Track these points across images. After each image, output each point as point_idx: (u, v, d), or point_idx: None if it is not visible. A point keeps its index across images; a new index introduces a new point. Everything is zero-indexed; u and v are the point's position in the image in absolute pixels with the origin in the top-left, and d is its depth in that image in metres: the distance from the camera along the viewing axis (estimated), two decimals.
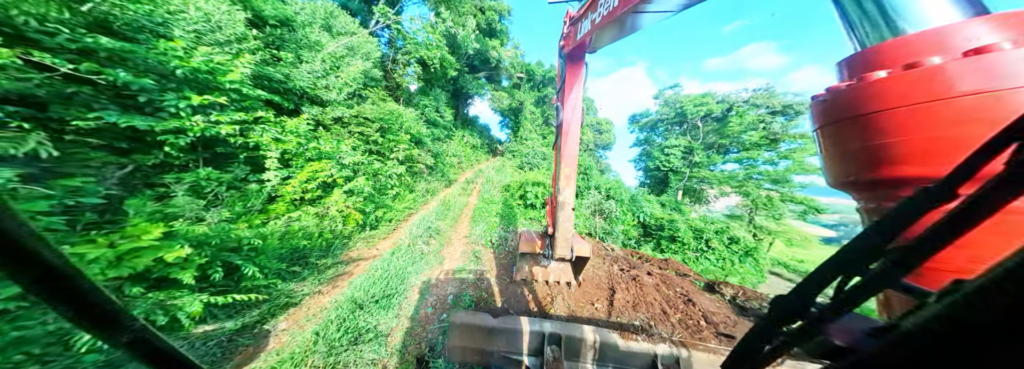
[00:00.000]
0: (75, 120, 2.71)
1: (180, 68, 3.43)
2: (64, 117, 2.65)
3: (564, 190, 3.02)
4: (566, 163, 2.95)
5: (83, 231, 2.37)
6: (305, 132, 5.09)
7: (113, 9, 3.06)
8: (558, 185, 3.07)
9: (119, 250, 2.12)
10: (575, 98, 2.73)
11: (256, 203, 3.96)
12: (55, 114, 2.74)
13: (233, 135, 4.11)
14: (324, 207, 5.25)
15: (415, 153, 11.12)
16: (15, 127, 2.20)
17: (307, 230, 4.59)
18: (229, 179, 4.08)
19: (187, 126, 3.53)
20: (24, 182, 2.03)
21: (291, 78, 6.31)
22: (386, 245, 6.25)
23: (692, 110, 25.06)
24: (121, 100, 3.15)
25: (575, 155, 2.94)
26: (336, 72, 7.67)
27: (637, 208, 12.20)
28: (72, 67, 2.62)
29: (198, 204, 3.08)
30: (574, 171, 2.97)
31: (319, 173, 5.04)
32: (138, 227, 2.37)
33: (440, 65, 14.91)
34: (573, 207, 3.05)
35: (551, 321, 1.28)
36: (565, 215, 3.07)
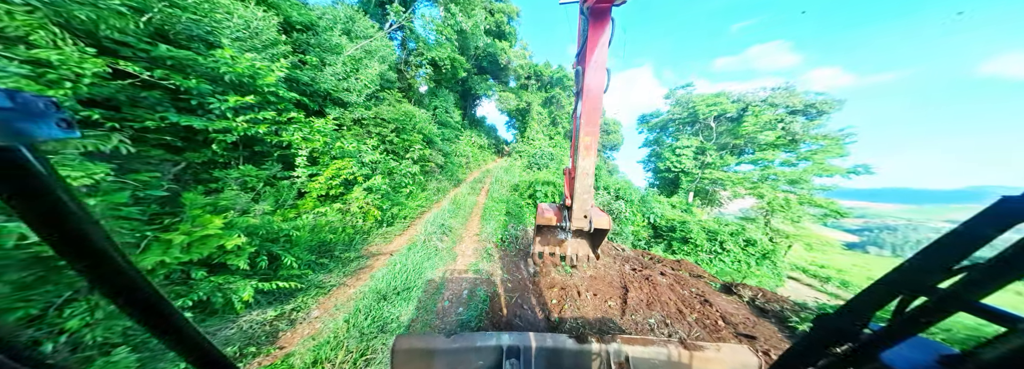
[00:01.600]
0: (145, 121, 3.02)
1: (228, 74, 3.74)
2: (135, 118, 2.96)
3: (583, 159, 2.72)
4: (587, 131, 2.64)
5: (154, 220, 2.67)
6: (330, 132, 5.39)
7: (170, 18, 3.36)
8: (577, 154, 2.78)
9: (192, 237, 2.40)
10: (599, 60, 2.34)
11: (288, 198, 4.25)
12: (128, 115, 3.05)
13: (268, 134, 4.42)
14: (346, 203, 5.54)
15: (427, 153, 11.43)
16: (108, 127, 2.50)
17: (332, 225, 4.87)
18: (264, 176, 4.38)
19: (233, 126, 3.84)
20: (115, 176, 2.33)
21: (316, 81, 6.64)
22: (402, 241, 6.52)
23: (705, 110, 24.53)
24: (177, 103, 3.46)
25: (598, 123, 2.63)
26: (355, 75, 8.00)
27: (647, 209, 12.27)
28: (149, 74, 2.93)
29: (245, 198, 3.38)
30: (595, 140, 2.68)
31: (342, 171, 5.33)
32: (203, 218, 2.65)
33: (450, 65, 15.23)
34: (593, 177, 2.82)
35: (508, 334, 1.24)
36: (583, 185, 2.82)
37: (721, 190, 24.04)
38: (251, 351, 2.63)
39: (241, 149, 4.45)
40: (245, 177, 4.05)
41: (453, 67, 15.60)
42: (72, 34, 2.37)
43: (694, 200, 24.91)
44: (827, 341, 0.50)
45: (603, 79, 2.41)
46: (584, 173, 2.80)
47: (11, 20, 2.03)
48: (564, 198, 3.50)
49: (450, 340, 1.14)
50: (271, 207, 4.02)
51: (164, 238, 2.31)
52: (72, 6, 2.28)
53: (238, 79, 3.90)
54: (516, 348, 1.09)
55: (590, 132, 2.65)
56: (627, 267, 5.99)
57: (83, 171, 2.08)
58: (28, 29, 2.11)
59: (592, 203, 3.08)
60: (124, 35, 2.79)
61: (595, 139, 2.70)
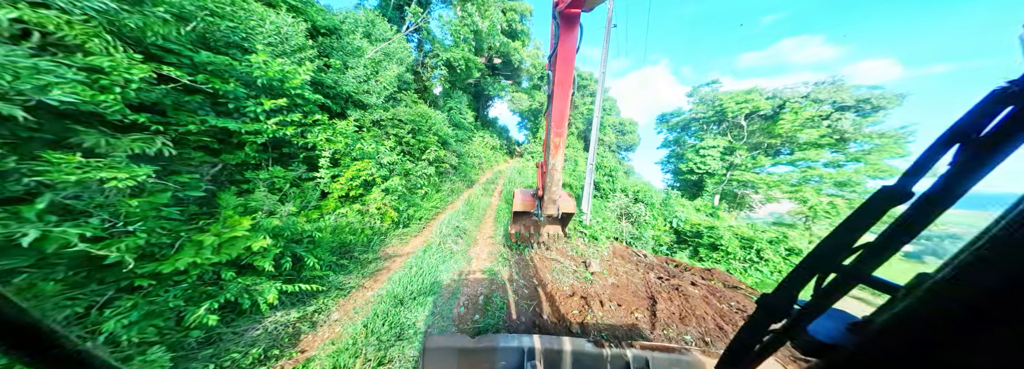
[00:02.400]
0: (188, 124, 3.14)
1: (261, 77, 3.85)
2: (179, 121, 3.09)
3: (553, 157, 3.07)
4: (556, 133, 2.92)
5: (191, 220, 2.76)
6: (352, 134, 5.49)
7: (211, 26, 3.50)
8: (548, 152, 3.13)
9: (222, 238, 2.46)
10: (567, 64, 2.56)
11: (312, 199, 4.34)
12: (172, 119, 3.20)
13: (295, 136, 4.53)
14: (365, 205, 5.62)
15: (442, 154, 11.54)
16: (153, 130, 2.61)
17: (352, 226, 4.94)
18: (291, 177, 4.50)
19: (264, 128, 3.95)
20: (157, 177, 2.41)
21: (339, 84, 6.80)
22: (418, 242, 6.56)
23: (734, 108, 22.99)
24: (215, 107, 3.60)
25: (565, 124, 2.94)
26: (375, 77, 8.16)
27: (670, 213, 11.85)
28: (191, 79, 3.05)
29: (272, 199, 3.47)
30: (564, 140, 3.00)
31: (362, 172, 5.41)
32: (233, 219, 2.72)
33: (465, 66, 15.34)
34: (560, 172, 3.25)
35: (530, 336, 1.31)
36: (553, 180, 3.30)
37: (751, 193, 22.80)
38: (274, 354, 2.67)
39: (270, 151, 4.59)
40: (274, 178, 4.16)
41: (467, 67, 15.71)
42: (123, 41, 2.49)
43: (720, 203, 23.74)
44: (768, 319, 0.55)
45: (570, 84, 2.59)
46: (553, 169, 3.18)
47: (70, 29, 2.15)
48: (536, 188, 4.13)
49: (475, 340, 1.20)
50: (296, 208, 4.11)
51: (196, 239, 2.37)
52: (122, 14, 2.40)
53: (269, 82, 4.02)
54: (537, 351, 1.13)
55: (559, 133, 2.90)
56: (652, 275, 5.75)
57: (128, 173, 2.16)
58: (85, 38, 2.22)
59: (560, 193, 3.58)
60: (168, 42, 2.91)
61: (563, 139, 2.99)
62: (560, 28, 2.36)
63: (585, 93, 35.84)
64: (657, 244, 10.73)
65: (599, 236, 7.92)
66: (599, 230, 8.20)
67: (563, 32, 2.36)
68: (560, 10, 2.26)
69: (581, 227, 8.16)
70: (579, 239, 7.80)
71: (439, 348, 1.18)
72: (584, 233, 7.95)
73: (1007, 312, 0.24)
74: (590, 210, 8.36)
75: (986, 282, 0.26)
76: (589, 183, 8.31)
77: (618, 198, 11.37)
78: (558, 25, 2.36)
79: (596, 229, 8.16)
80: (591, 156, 8.26)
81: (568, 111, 2.86)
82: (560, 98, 2.67)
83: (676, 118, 29.35)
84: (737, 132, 24.17)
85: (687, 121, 27.98)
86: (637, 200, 11.42)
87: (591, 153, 8.28)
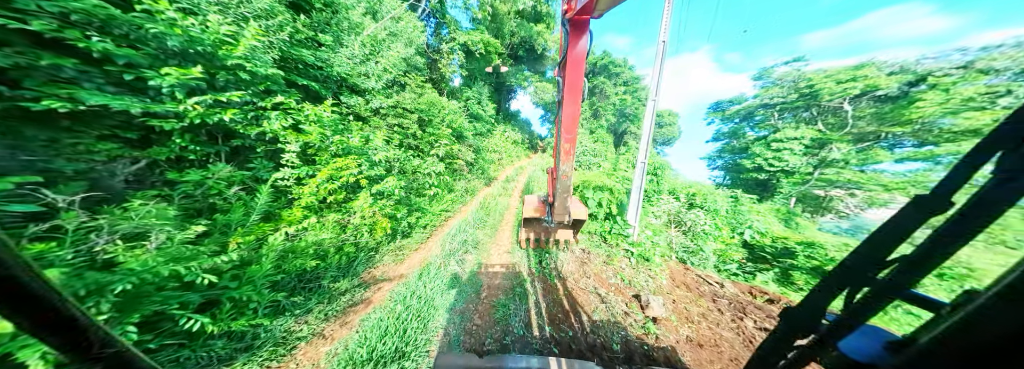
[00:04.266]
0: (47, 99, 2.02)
1: (170, 38, 2.64)
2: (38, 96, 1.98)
3: (563, 163, 3.14)
4: (566, 139, 2.94)
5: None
6: (331, 122, 4.25)
7: None
8: (558, 158, 3.20)
9: None
10: (577, 70, 2.51)
11: (258, 210, 3.14)
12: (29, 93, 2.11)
13: (242, 124, 3.34)
14: (347, 214, 4.38)
15: (456, 149, 10.22)
16: None
17: (322, 245, 3.71)
18: (240, 178, 3.34)
19: (185, 111, 2.78)
20: None
21: (329, 63, 5.64)
22: (417, 259, 5.28)
23: (832, 89, 17.78)
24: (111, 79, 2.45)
25: (576, 129, 2.94)
26: (375, 57, 6.91)
27: (740, 221, 9.41)
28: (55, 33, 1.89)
29: (166, 215, 2.26)
30: (574, 146, 3.05)
31: (343, 171, 4.16)
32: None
33: (485, 50, 13.81)
34: (571, 177, 3.28)
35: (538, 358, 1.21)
36: (563, 185, 3.30)
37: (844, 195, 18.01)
38: None
39: (221, 143, 3.48)
40: (209, 181, 3.01)
41: (487, 52, 14.15)
42: None
43: (796, 207, 19.40)
44: (793, 334, 0.53)
45: (581, 91, 2.59)
46: (564, 175, 3.22)
47: None
48: (547, 195, 4.02)
49: (484, 360, 1.20)
50: (231, 221, 2.93)
51: None
52: None
53: (188, 47, 2.82)
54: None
55: (569, 139, 2.94)
56: (749, 322, 3.84)
57: None
58: None
59: (571, 199, 3.70)
60: None
61: (573, 145, 3.04)
62: (569, 34, 2.35)
63: (617, 82, 32.54)
64: (722, 261, 8.45)
65: (652, 256, 6.03)
66: (651, 248, 6.28)
67: (572, 38, 2.36)
68: (568, 17, 2.27)
69: (627, 244, 6.32)
70: (622, 259, 6.01)
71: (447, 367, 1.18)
72: (630, 252, 6.12)
73: None
74: (639, 222, 6.45)
75: None
76: (638, 188, 6.36)
77: (665, 202, 9.19)
78: (567, 31, 2.34)
79: (647, 247, 6.25)
80: (643, 153, 6.29)
81: (578, 116, 2.83)
82: (570, 103, 2.66)
83: (736, 106, 24.48)
84: (835, 119, 18.85)
85: (752, 109, 23.07)
86: (693, 205, 9.12)
87: (642, 151, 6.31)
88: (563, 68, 2.56)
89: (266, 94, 3.63)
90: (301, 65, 4.92)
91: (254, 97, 3.47)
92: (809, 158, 18.94)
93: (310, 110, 3.88)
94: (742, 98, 24.38)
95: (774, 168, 19.39)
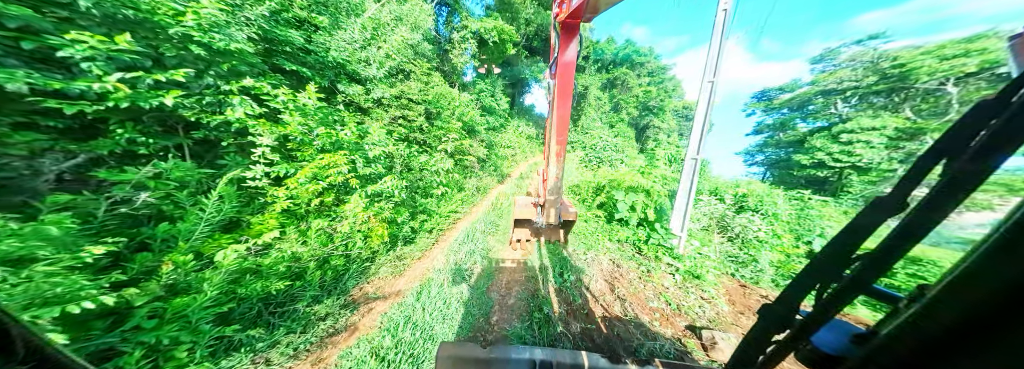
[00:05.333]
0: None
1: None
2: None
3: (553, 165, 3.18)
4: (557, 140, 2.97)
5: None
6: (317, 111, 3.57)
7: None
8: (549, 160, 3.24)
9: None
10: (568, 73, 2.56)
11: (219, 215, 2.51)
12: None
13: (191, 109, 2.71)
14: (336, 219, 3.72)
15: (467, 144, 9.47)
16: None
17: (301, 260, 3.05)
18: (197, 177, 2.73)
19: (104, 90, 2.15)
20: None
21: (322, 47, 4.99)
22: (420, 270, 4.59)
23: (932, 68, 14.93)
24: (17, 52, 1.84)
25: (566, 132, 2.96)
26: (377, 42, 6.21)
27: (807, 227, 7.95)
28: None
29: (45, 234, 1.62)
30: (564, 148, 3.09)
31: (329, 170, 3.49)
32: None
33: (499, 38, 12.84)
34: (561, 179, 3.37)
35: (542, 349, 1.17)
36: (553, 187, 3.44)
37: None
38: None
39: (182, 135, 2.89)
40: (149, 180, 2.40)
41: (501, 40, 13.18)
42: None
43: None
44: (771, 330, 0.55)
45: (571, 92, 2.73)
46: (555, 177, 3.37)
47: None
48: (539, 196, 4.24)
49: (486, 351, 1.19)
50: (188, 229, 2.30)
51: None
52: None
53: (116, 12, 2.17)
54: (549, 363, 1.12)
55: (560, 141, 3.06)
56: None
57: None
58: None
59: (561, 201, 3.85)
60: None
61: (564, 148, 3.17)
62: (560, 37, 2.41)
63: (641, 73, 30.37)
64: (783, 275, 7.14)
65: (704, 273, 4.97)
66: (699, 261, 5.20)
67: (563, 41, 2.41)
68: (559, 20, 2.33)
69: (670, 257, 5.29)
70: (665, 276, 5.02)
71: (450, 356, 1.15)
72: (675, 267, 5.10)
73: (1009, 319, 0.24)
74: (685, 231, 5.36)
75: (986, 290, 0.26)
76: (686, 190, 5.23)
77: (706, 203, 7.93)
78: (558, 35, 2.40)
79: (697, 262, 5.17)
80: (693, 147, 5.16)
81: (569, 119, 2.94)
82: (561, 106, 2.70)
83: (787, 95, 21.77)
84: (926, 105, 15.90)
85: (808, 97, 20.23)
86: (742, 208, 7.79)
87: (693, 145, 5.18)
88: (554, 71, 2.52)
89: (234, 76, 2.98)
90: (289, 48, 4.28)
91: (217, 79, 2.82)
92: (892, 152, 16.15)
93: (285, 96, 3.19)
94: (795, 84, 21.53)
95: (841, 163, 16.48)
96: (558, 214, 3.85)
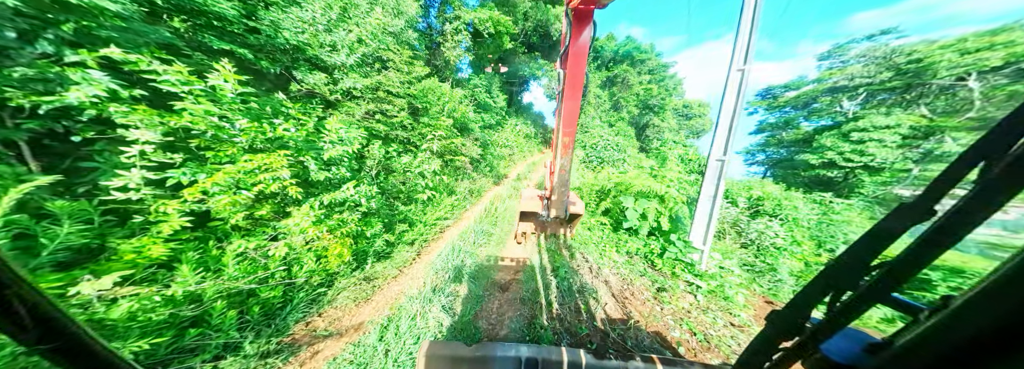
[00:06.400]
0: None
1: None
2: None
3: (562, 157, 3.12)
4: (565, 132, 2.90)
5: None
6: (234, 99, 2.69)
7: None
8: (556, 152, 3.18)
9: None
10: (579, 62, 2.38)
11: (52, 244, 1.66)
12: None
13: (15, 94, 1.85)
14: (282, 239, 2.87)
15: (458, 143, 8.62)
16: None
17: (204, 300, 2.19)
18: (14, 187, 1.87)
19: None
20: None
21: (275, 25, 4.14)
22: (392, 293, 3.75)
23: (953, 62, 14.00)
24: None
25: (575, 123, 2.88)
26: (347, 24, 5.36)
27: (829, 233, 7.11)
28: None
29: None
30: (573, 140, 3.01)
31: (259, 174, 2.63)
32: None
33: (494, 29, 12.00)
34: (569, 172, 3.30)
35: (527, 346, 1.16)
36: (561, 180, 3.35)
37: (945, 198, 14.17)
38: None
39: (12, 126, 2.04)
40: None
41: (497, 32, 12.34)
42: None
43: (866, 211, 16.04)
44: (778, 336, 0.54)
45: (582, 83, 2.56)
46: (562, 169, 3.26)
47: None
48: (546, 189, 4.08)
49: (472, 348, 1.18)
50: None
51: None
52: None
53: None
54: (534, 360, 1.13)
55: (568, 132, 2.93)
56: None
57: None
58: None
59: (569, 194, 3.75)
60: None
61: (572, 139, 3.02)
62: (572, 25, 2.27)
63: (641, 70, 29.51)
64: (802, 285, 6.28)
65: (733, 293, 4.13)
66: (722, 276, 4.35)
67: (575, 29, 2.28)
68: (572, 6, 2.18)
69: (690, 274, 4.42)
70: (685, 297, 4.18)
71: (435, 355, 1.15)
72: (697, 286, 4.25)
73: None
74: (709, 245, 4.49)
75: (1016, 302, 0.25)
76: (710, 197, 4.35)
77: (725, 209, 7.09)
78: (570, 21, 2.26)
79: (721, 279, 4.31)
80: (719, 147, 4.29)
81: (579, 111, 2.80)
82: (571, 97, 2.62)
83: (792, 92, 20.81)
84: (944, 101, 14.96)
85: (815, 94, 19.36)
86: (757, 212, 6.96)
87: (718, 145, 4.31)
88: (565, 61, 2.44)
89: (92, 44, 2.11)
90: (219, 22, 3.43)
91: (61, 47, 1.97)
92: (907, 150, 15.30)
93: (177, 75, 2.30)
94: (800, 81, 20.75)
95: (853, 163, 15.37)
96: (566, 207, 3.73)
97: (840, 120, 17.45)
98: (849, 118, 16.76)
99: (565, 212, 3.77)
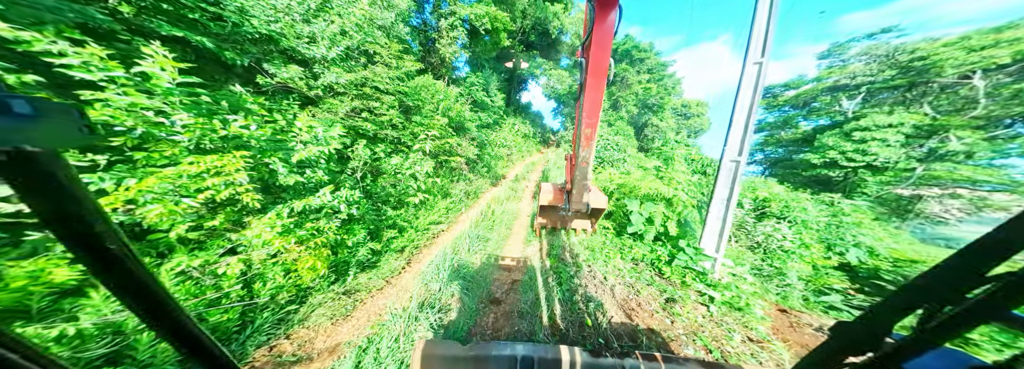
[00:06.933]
0: None
1: None
2: None
3: (583, 149, 2.99)
4: (587, 124, 2.76)
5: None
6: (171, 90, 2.26)
7: None
8: (578, 144, 3.04)
9: None
10: (603, 51, 2.21)
11: None
12: None
13: None
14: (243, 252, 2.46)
15: (453, 143, 8.22)
16: None
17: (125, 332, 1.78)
18: None
19: None
20: None
21: (243, 12, 3.73)
22: (376, 308, 3.34)
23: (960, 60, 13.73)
24: None
25: (598, 114, 2.70)
26: (328, 14, 4.94)
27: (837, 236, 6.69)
28: None
29: None
30: (595, 131, 2.85)
31: (206, 179, 2.22)
32: None
33: (491, 25, 11.59)
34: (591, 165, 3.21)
35: (523, 344, 1.15)
36: (582, 173, 3.24)
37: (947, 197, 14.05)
38: None
39: None
40: None
41: (495, 29, 11.94)
42: None
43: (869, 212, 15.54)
44: (845, 350, 0.49)
45: (605, 73, 2.46)
46: (584, 162, 3.12)
47: None
48: (565, 182, 4.15)
49: (467, 348, 1.17)
50: None
51: None
52: None
53: None
54: (530, 359, 1.12)
55: (591, 124, 2.84)
56: None
57: None
58: None
59: (590, 187, 3.66)
60: None
61: (595, 130, 2.91)
62: (595, 10, 2.06)
63: (640, 69, 29.10)
64: (814, 291, 5.91)
65: (749, 306, 3.71)
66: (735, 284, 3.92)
67: (599, 15, 2.08)
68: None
69: (703, 283, 4.00)
70: (697, 308, 3.76)
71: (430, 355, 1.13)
72: (709, 297, 3.83)
73: None
74: (722, 252, 4.08)
75: None
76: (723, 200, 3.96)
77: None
78: (593, 9, 2.07)
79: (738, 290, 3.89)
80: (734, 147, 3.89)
81: (602, 101, 2.66)
82: (594, 88, 2.49)
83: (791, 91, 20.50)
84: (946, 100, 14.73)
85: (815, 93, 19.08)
86: (764, 213, 6.54)
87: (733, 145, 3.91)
88: (587, 49, 2.29)
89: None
90: (169, 5, 3.01)
91: None
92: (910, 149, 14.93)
93: (91, 59, 1.88)
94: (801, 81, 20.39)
95: (855, 163, 15.14)
96: (588, 201, 3.66)
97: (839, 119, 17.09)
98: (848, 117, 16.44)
99: (586, 206, 3.71)
